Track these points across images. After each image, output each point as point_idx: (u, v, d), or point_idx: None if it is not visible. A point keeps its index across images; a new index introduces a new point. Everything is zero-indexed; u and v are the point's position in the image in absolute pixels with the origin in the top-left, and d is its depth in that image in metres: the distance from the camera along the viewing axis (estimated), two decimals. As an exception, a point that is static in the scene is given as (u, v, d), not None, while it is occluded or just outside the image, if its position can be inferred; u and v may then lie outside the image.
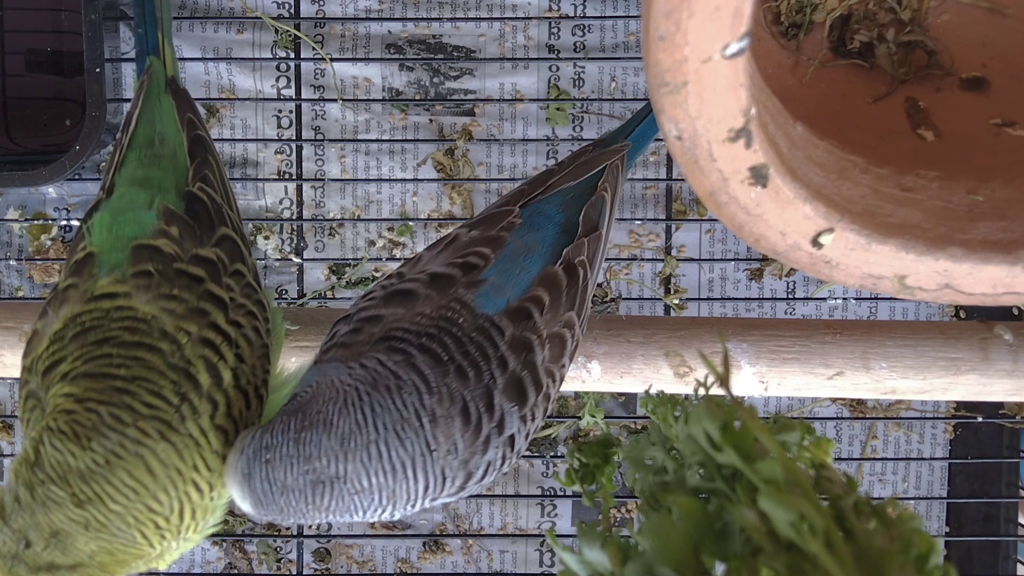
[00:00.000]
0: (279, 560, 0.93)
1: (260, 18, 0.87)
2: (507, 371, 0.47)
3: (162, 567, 0.47)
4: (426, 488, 0.44)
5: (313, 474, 0.42)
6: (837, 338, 0.59)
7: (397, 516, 0.45)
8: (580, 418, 0.89)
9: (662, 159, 0.90)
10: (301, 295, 0.91)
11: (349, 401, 0.43)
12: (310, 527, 0.93)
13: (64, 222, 0.90)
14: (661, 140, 0.89)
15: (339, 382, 0.44)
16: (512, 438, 0.47)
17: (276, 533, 0.93)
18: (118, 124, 0.82)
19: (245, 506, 0.43)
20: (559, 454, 0.93)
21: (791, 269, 0.92)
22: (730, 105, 0.38)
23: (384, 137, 0.90)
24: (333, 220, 0.91)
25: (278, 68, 0.89)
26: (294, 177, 0.90)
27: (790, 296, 0.92)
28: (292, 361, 0.60)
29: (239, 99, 0.89)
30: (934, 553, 0.28)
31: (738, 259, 0.92)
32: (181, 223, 0.51)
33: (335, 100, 0.89)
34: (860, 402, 0.93)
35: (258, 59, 0.88)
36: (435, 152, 0.90)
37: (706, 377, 0.34)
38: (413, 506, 0.45)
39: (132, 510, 0.43)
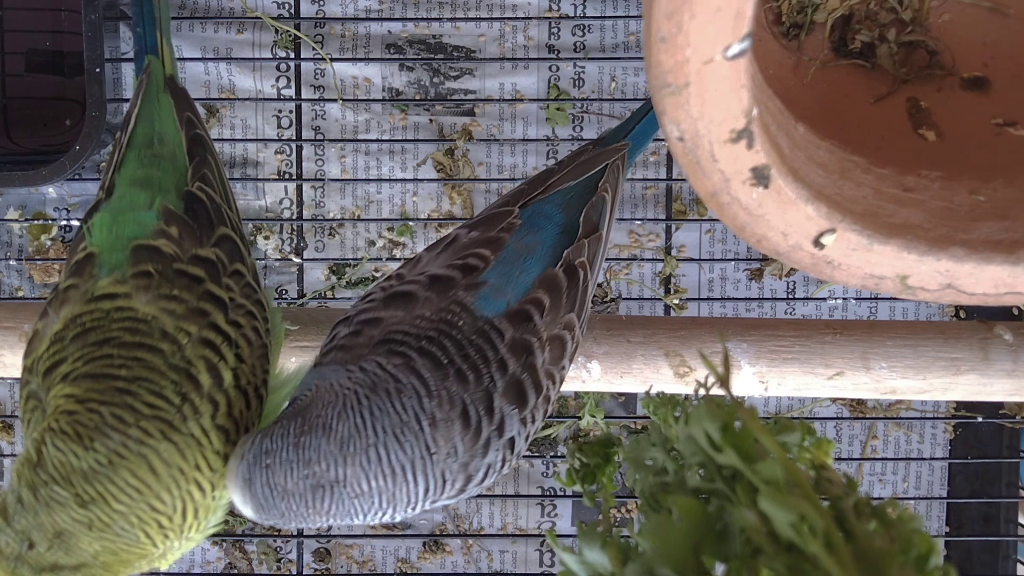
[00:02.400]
0: (279, 560, 0.93)
1: (260, 18, 0.87)
2: (507, 374, 0.47)
3: (164, 567, 0.47)
4: (426, 491, 0.44)
5: (313, 478, 0.41)
6: (837, 338, 0.59)
7: (397, 519, 0.45)
8: (580, 418, 0.89)
9: (662, 159, 0.90)
10: (301, 295, 0.91)
11: (348, 405, 0.43)
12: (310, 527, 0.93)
13: (64, 222, 0.90)
14: (661, 140, 0.89)
15: (338, 386, 0.44)
16: (512, 440, 0.47)
17: (276, 533, 0.93)
18: (118, 124, 0.82)
19: (246, 511, 0.43)
20: (559, 454, 0.93)
21: (791, 269, 0.92)
22: (732, 106, 0.38)
23: (384, 137, 0.90)
24: (333, 220, 0.91)
25: (278, 68, 0.89)
26: (294, 177, 0.90)
27: (790, 296, 0.92)
28: (292, 361, 0.60)
29: (239, 99, 0.89)
30: (934, 553, 0.28)
31: (738, 259, 0.91)
32: (181, 223, 0.51)
33: (335, 100, 0.89)
34: (860, 402, 0.93)
35: (258, 59, 0.88)
36: (435, 152, 0.90)
37: (706, 377, 0.34)
38: (413, 509, 0.45)
39: (135, 510, 0.43)
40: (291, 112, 0.89)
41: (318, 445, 0.42)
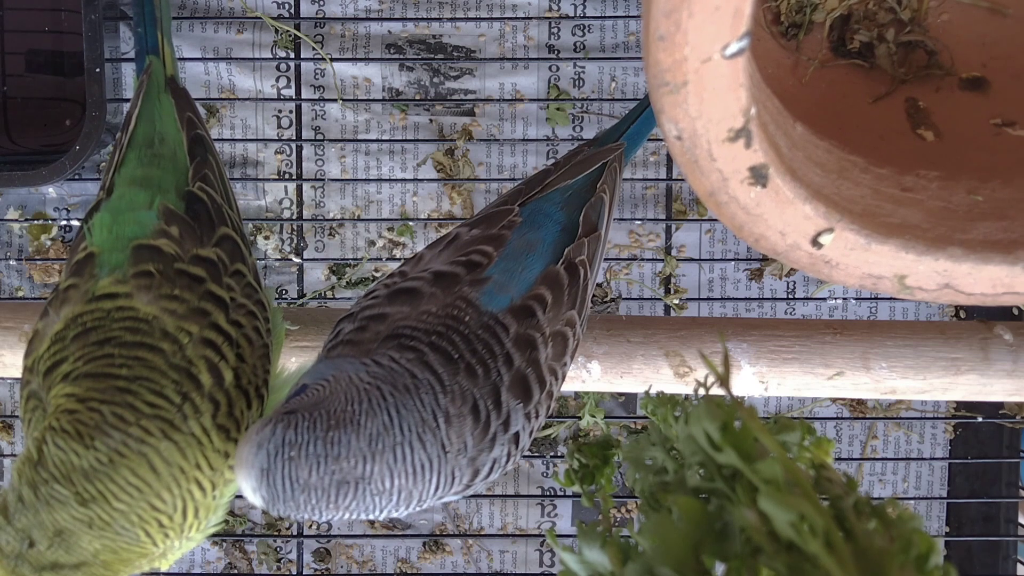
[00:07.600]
0: (279, 560, 0.93)
1: (260, 18, 0.87)
2: (512, 368, 0.47)
3: (164, 566, 0.47)
4: (437, 488, 0.44)
5: (339, 474, 0.41)
6: (837, 338, 0.59)
7: (403, 514, 0.45)
8: (580, 418, 0.90)
9: (662, 159, 0.90)
10: (301, 295, 0.91)
11: (374, 401, 0.42)
12: (310, 527, 0.93)
13: (64, 222, 0.90)
14: (660, 140, 0.89)
15: (358, 379, 0.43)
16: (517, 435, 0.47)
17: (276, 533, 0.93)
18: (118, 124, 0.82)
19: (256, 499, 0.41)
20: (559, 454, 0.93)
21: (791, 269, 0.92)
22: (730, 105, 0.38)
23: (384, 137, 0.90)
24: (333, 220, 0.91)
25: (278, 68, 0.89)
26: (294, 177, 0.90)
27: (790, 296, 0.92)
28: (292, 361, 0.61)
29: (239, 99, 0.89)
30: (934, 553, 0.28)
31: (738, 259, 0.92)
32: (181, 223, 0.52)
33: (335, 100, 0.89)
34: (860, 402, 0.93)
35: (258, 59, 0.88)
36: (435, 152, 0.90)
37: (706, 377, 0.34)
38: (421, 505, 0.45)
39: (136, 508, 0.43)
40: (291, 112, 0.90)
41: (348, 441, 0.41)
